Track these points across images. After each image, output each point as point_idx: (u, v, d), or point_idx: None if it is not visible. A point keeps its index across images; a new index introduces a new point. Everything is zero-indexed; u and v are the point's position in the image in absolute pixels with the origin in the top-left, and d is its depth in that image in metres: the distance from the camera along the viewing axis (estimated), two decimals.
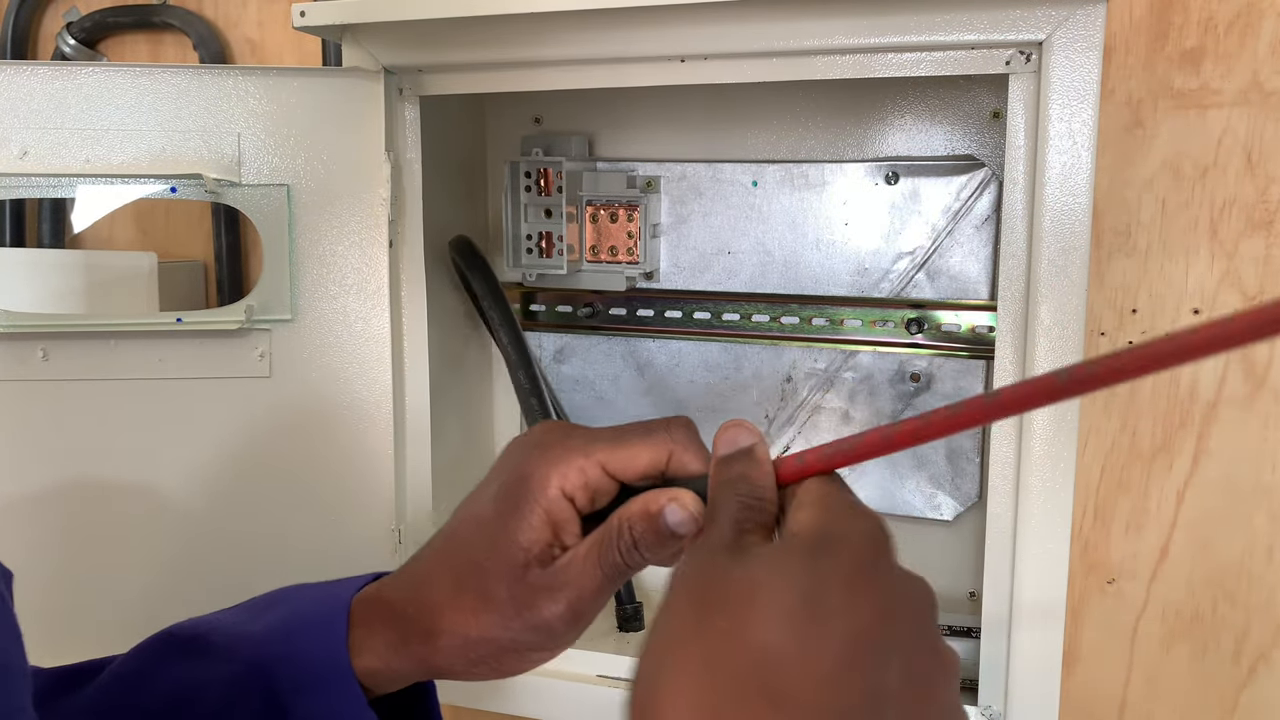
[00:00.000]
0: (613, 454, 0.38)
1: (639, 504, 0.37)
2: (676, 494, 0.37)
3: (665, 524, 0.36)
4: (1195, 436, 0.68)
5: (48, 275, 0.78)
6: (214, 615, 0.46)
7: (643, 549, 0.37)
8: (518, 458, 0.40)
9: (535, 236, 0.74)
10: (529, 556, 0.38)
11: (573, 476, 0.38)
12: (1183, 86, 0.65)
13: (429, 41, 0.62)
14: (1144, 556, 0.70)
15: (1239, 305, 0.66)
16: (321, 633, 0.41)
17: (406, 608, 0.41)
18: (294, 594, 0.45)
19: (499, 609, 0.38)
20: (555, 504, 0.38)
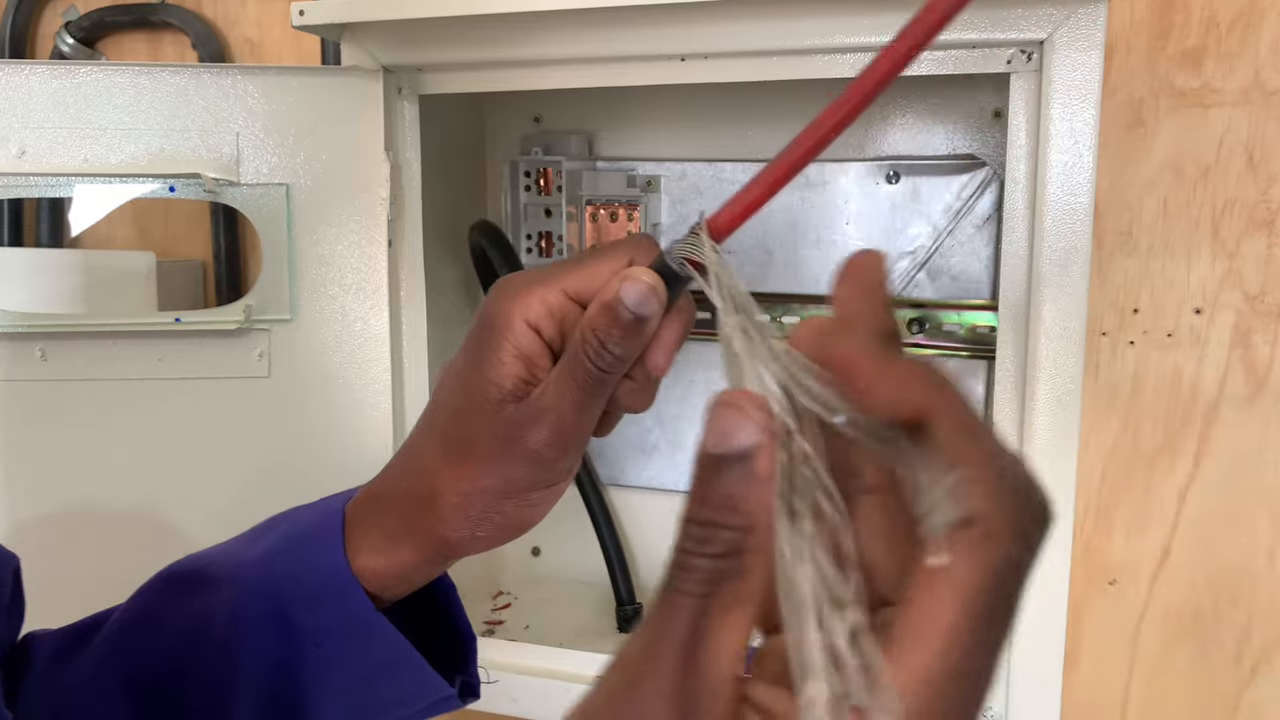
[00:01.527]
0: (573, 277, 0.37)
1: (594, 303, 0.35)
2: (627, 272, 0.35)
3: (625, 308, 0.34)
4: (1197, 437, 0.67)
5: (46, 275, 0.78)
6: (210, 549, 0.45)
7: (612, 346, 0.35)
8: (484, 305, 0.39)
9: (535, 236, 0.74)
10: (503, 393, 0.36)
11: (535, 306, 0.36)
12: (1184, 86, 0.65)
13: (428, 40, 0.62)
14: (1145, 557, 0.70)
15: (1241, 305, 0.66)
16: (317, 543, 0.41)
17: (400, 483, 0.40)
18: (289, 515, 0.44)
19: (484, 452, 0.37)
20: (522, 337, 0.37)
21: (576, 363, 0.35)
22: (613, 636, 0.75)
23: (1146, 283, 0.67)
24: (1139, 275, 0.67)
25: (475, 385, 0.37)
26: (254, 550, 0.43)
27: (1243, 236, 0.65)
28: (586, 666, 0.65)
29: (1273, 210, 0.64)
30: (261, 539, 0.43)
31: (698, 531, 0.23)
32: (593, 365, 0.35)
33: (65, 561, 0.64)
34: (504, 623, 0.77)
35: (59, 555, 0.64)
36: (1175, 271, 0.67)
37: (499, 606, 0.80)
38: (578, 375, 0.35)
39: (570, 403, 0.36)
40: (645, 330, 0.35)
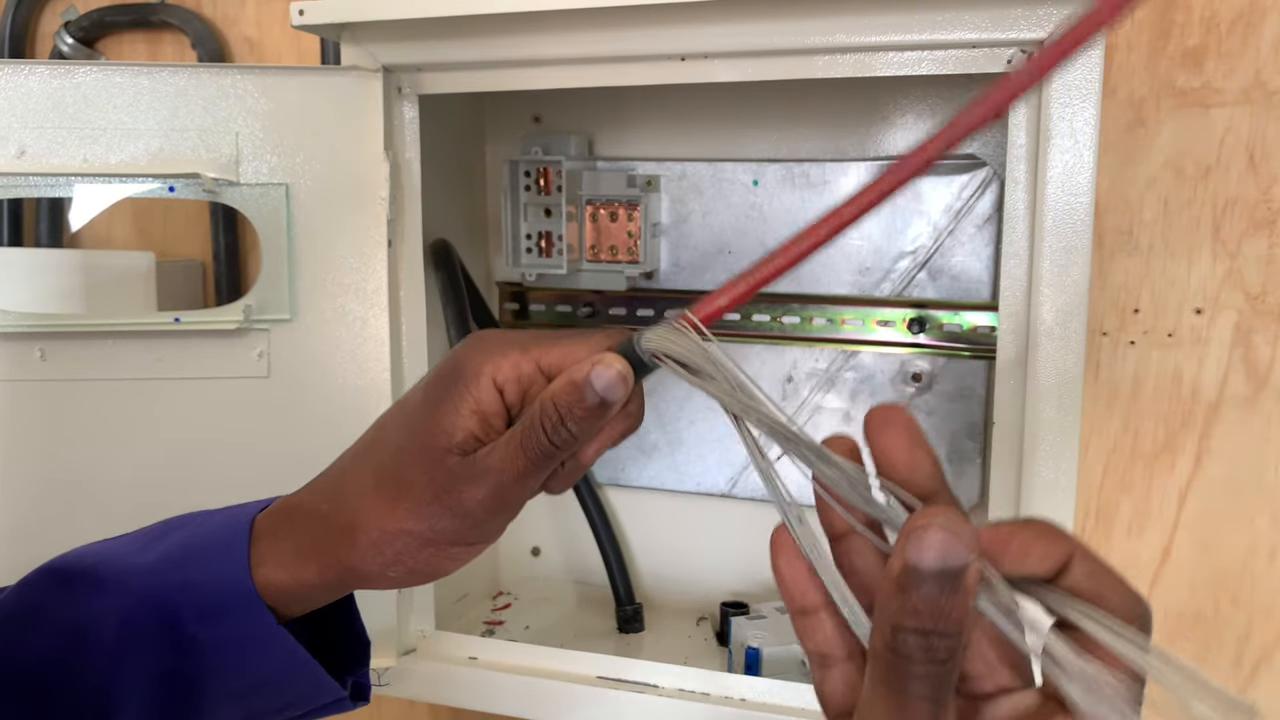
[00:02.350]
0: (549, 352, 0.37)
1: (562, 376, 0.36)
2: (600, 356, 0.35)
3: (592, 390, 0.35)
4: (1197, 437, 0.67)
5: (45, 275, 0.78)
6: (100, 545, 0.44)
7: (570, 423, 0.35)
8: (460, 347, 0.39)
9: (535, 236, 0.74)
10: (450, 442, 0.36)
11: (506, 368, 0.37)
12: (1185, 85, 0.65)
13: (428, 40, 0.62)
14: (1146, 557, 0.70)
15: (1242, 305, 0.66)
16: (220, 553, 0.40)
17: (321, 506, 0.40)
18: (191, 519, 0.43)
19: (417, 497, 0.37)
20: (485, 394, 0.37)
21: (531, 433, 0.36)
22: (613, 636, 0.75)
23: (1147, 283, 0.67)
24: (1140, 275, 0.67)
25: (425, 429, 0.37)
26: (148, 555, 0.41)
27: (1244, 236, 0.65)
28: (586, 666, 0.65)
29: (1274, 210, 0.64)
30: (157, 543, 0.42)
31: (920, 641, 0.25)
32: (546, 438, 0.36)
33: None
34: (504, 623, 0.77)
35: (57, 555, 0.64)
36: (1176, 271, 0.67)
37: (499, 607, 0.80)
38: (529, 445, 0.36)
39: (514, 470, 0.36)
40: (605, 416, 0.35)
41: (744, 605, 0.73)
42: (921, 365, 0.71)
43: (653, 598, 0.80)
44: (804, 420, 0.75)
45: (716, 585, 0.79)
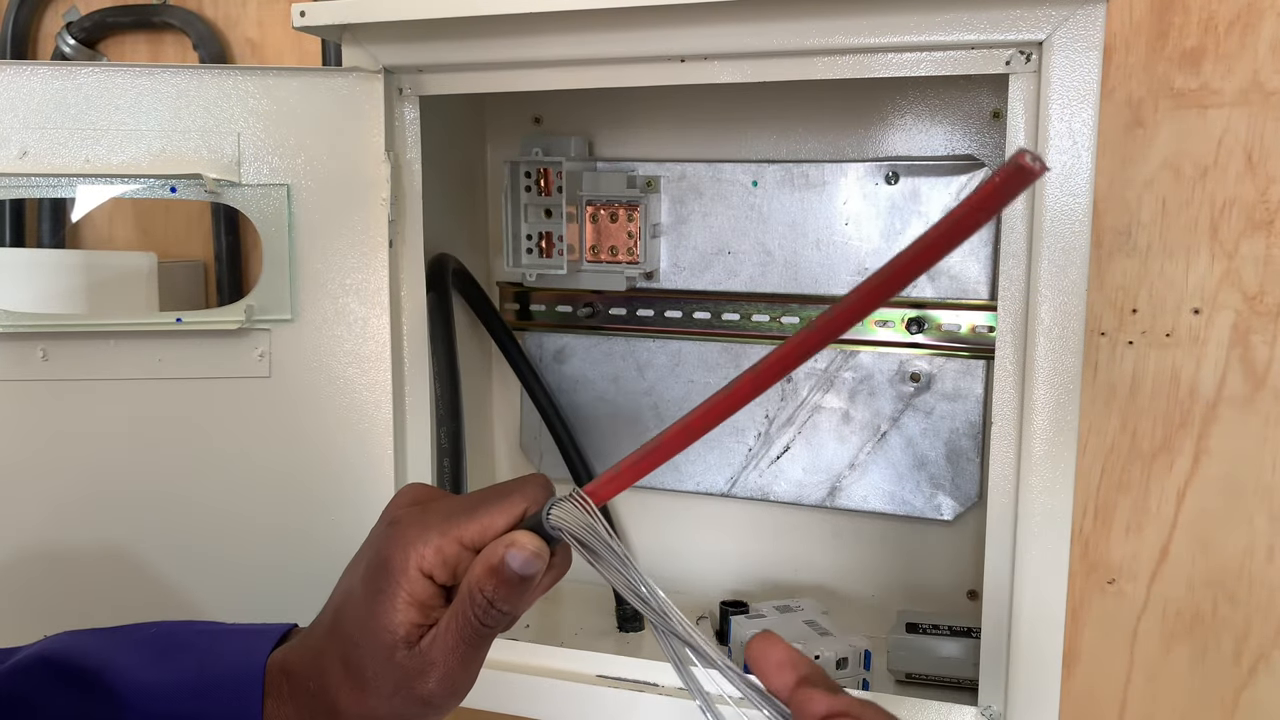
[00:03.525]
0: (467, 527, 0.38)
1: (480, 564, 0.37)
2: (512, 538, 0.37)
3: (511, 571, 0.36)
4: (1196, 436, 0.68)
5: (47, 275, 0.78)
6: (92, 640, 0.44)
7: (500, 605, 0.37)
8: (380, 536, 0.40)
9: (535, 236, 0.74)
10: (395, 639, 0.38)
11: (429, 556, 0.38)
12: (1183, 86, 0.65)
13: (429, 41, 0.62)
14: (1144, 556, 0.70)
15: (1240, 305, 0.66)
16: (236, 695, 0.41)
17: (309, 683, 0.41)
18: (198, 642, 0.44)
19: (378, 689, 0.39)
20: (416, 584, 0.38)
21: (464, 620, 0.37)
22: (613, 636, 0.76)
23: (1145, 283, 0.67)
24: (1138, 275, 0.67)
25: (371, 626, 0.38)
26: (156, 675, 0.42)
27: (1241, 237, 0.65)
28: (586, 666, 0.65)
29: (1271, 210, 0.64)
30: (164, 662, 0.42)
31: None
32: (479, 622, 0.37)
33: (66, 561, 0.65)
34: None
35: (60, 555, 0.65)
36: (1174, 271, 0.67)
37: None
38: (465, 632, 0.37)
39: (458, 657, 0.38)
40: (531, 587, 0.37)
41: (743, 604, 0.73)
42: (920, 365, 0.71)
43: None
44: (803, 419, 0.75)
45: (716, 584, 0.80)
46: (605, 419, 0.80)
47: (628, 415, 0.80)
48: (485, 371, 0.84)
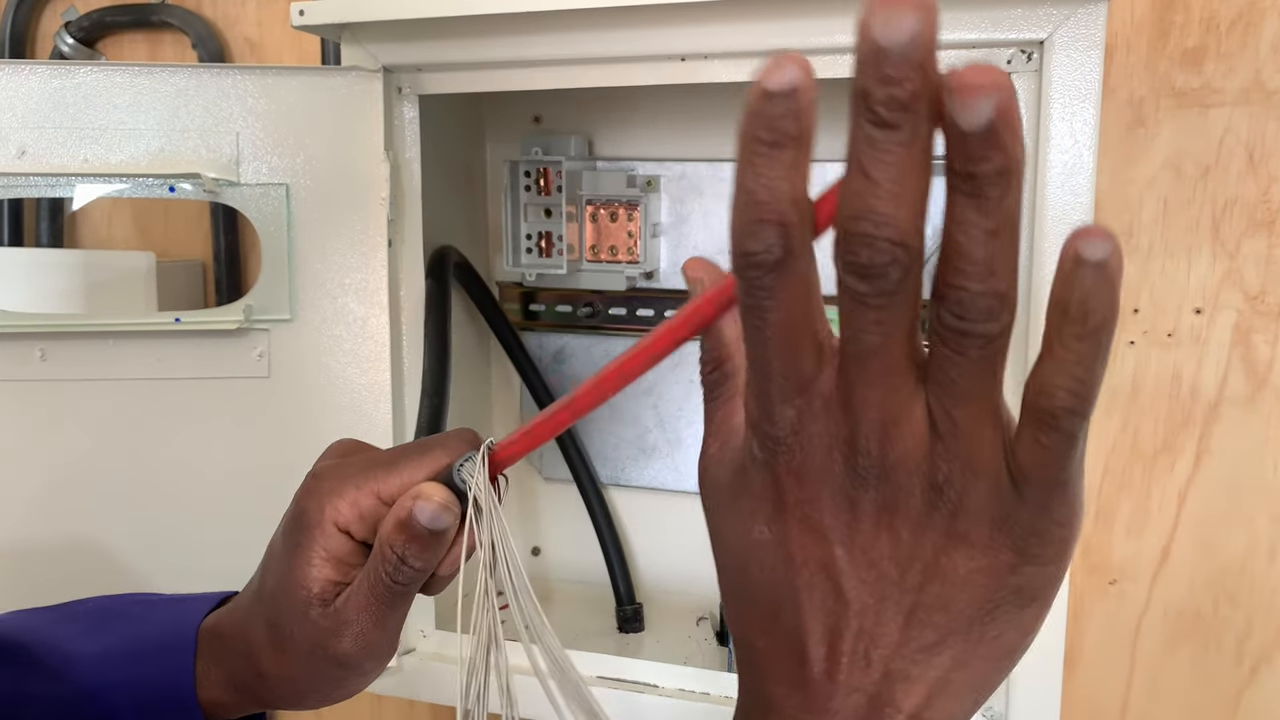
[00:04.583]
0: (386, 480, 0.37)
1: (390, 518, 0.36)
2: (419, 490, 0.35)
3: (419, 525, 0.35)
4: (1197, 436, 0.67)
5: (46, 275, 0.78)
6: (29, 618, 0.44)
7: (411, 560, 0.35)
8: (301, 488, 0.39)
9: (535, 236, 0.74)
10: (310, 595, 0.37)
11: (345, 510, 0.37)
12: (1184, 85, 0.65)
13: (428, 40, 0.62)
14: (1146, 557, 0.70)
15: (1241, 305, 0.66)
16: (168, 659, 0.41)
17: (237, 644, 0.41)
18: (132, 610, 0.44)
19: (296, 646, 0.38)
20: (332, 540, 0.37)
21: (376, 577, 0.36)
22: (613, 636, 0.75)
23: (1147, 283, 0.67)
24: (1139, 275, 0.67)
25: (288, 583, 0.38)
26: (89, 645, 0.42)
27: (1243, 236, 0.65)
28: (586, 666, 0.65)
29: (1273, 210, 0.64)
30: (97, 632, 0.42)
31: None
32: (391, 580, 0.36)
33: (66, 561, 0.64)
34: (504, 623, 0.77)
35: (60, 554, 0.64)
36: (1175, 271, 0.67)
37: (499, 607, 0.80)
38: (378, 590, 0.36)
39: (371, 615, 0.37)
40: (443, 542, 0.36)
41: None
42: None
43: (653, 597, 0.80)
44: None
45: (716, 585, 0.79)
46: (605, 419, 0.80)
47: (628, 415, 0.80)
48: (484, 370, 0.84)
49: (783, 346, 0.24)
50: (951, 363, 0.23)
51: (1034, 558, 0.24)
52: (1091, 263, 0.21)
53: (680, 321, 0.27)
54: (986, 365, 0.23)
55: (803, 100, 0.22)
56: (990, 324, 0.23)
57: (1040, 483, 0.23)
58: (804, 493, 0.25)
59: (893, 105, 0.21)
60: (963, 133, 0.21)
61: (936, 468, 0.24)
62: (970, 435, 0.23)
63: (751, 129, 0.22)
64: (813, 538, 0.25)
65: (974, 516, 0.24)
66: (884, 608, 0.25)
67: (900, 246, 0.22)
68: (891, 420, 0.24)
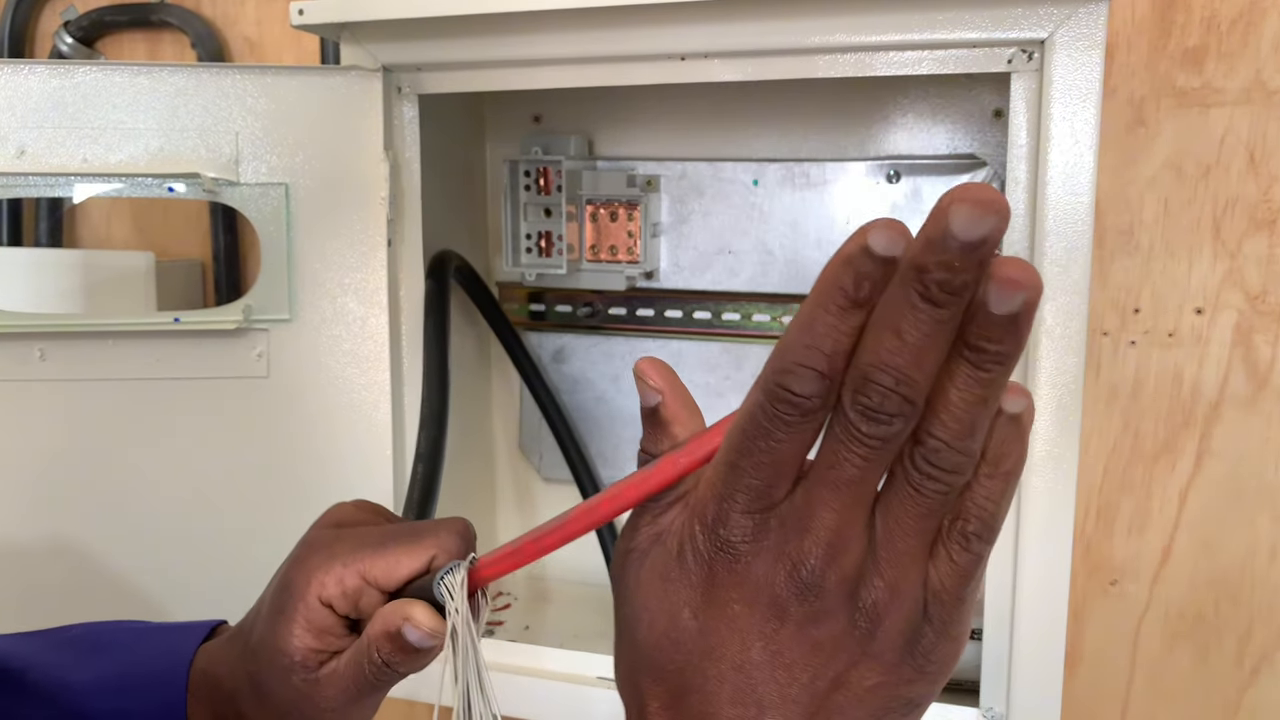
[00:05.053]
0: (373, 563, 0.38)
1: (379, 623, 0.37)
2: (409, 613, 0.36)
3: (408, 642, 0.36)
4: (1198, 436, 0.67)
5: (45, 275, 0.78)
6: (19, 643, 0.44)
7: (395, 667, 0.37)
8: (291, 556, 0.40)
9: (535, 236, 0.74)
10: (291, 662, 0.38)
11: (330, 585, 0.38)
12: (1185, 85, 0.65)
13: (427, 39, 0.62)
14: (1146, 557, 0.70)
15: (1242, 305, 0.65)
16: (161, 694, 0.41)
17: (224, 685, 0.41)
18: (124, 639, 0.44)
19: (276, 707, 0.39)
20: (314, 612, 0.38)
21: (358, 668, 0.37)
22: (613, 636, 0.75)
23: (1148, 282, 0.67)
24: (1140, 275, 0.67)
25: (269, 645, 0.38)
26: (80, 674, 0.42)
27: (1244, 236, 0.65)
28: (586, 666, 0.65)
29: (1274, 210, 0.64)
30: (88, 661, 0.43)
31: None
32: (373, 676, 0.37)
33: (66, 561, 0.64)
34: (504, 623, 0.77)
35: (59, 555, 0.64)
36: (1176, 271, 0.66)
37: (499, 607, 0.80)
38: (359, 678, 0.37)
39: (349, 695, 0.38)
40: (429, 655, 0.37)
41: None
42: None
43: None
44: None
45: None
46: (605, 419, 0.80)
47: (628, 415, 0.80)
48: (485, 370, 0.84)
49: (771, 473, 0.25)
50: (911, 500, 0.25)
51: (927, 674, 0.27)
52: (1009, 414, 0.25)
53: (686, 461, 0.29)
54: (938, 508, 0.25)
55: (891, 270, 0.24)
56: (954, 478, 0.25)
57: (947, 600, 0.26)
58: (738, 594, 0.26)
59: (947, 288, 0.23)
60: (990, 315, 0.23)
61: (865, 590, 0.26)
62: (904, 564, 0.26)
63: (838, 279, 0.24)
64: (736, 636, 0.26)
65: (887, 639, 0.26)
66: (789, 710, 0.26)
67: (910, 404, 0.24)
68: (839, 543, 0.25)
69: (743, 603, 0.26)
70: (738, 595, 0.26)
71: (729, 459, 0.26)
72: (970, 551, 0.26)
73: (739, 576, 0.26)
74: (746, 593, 0.26)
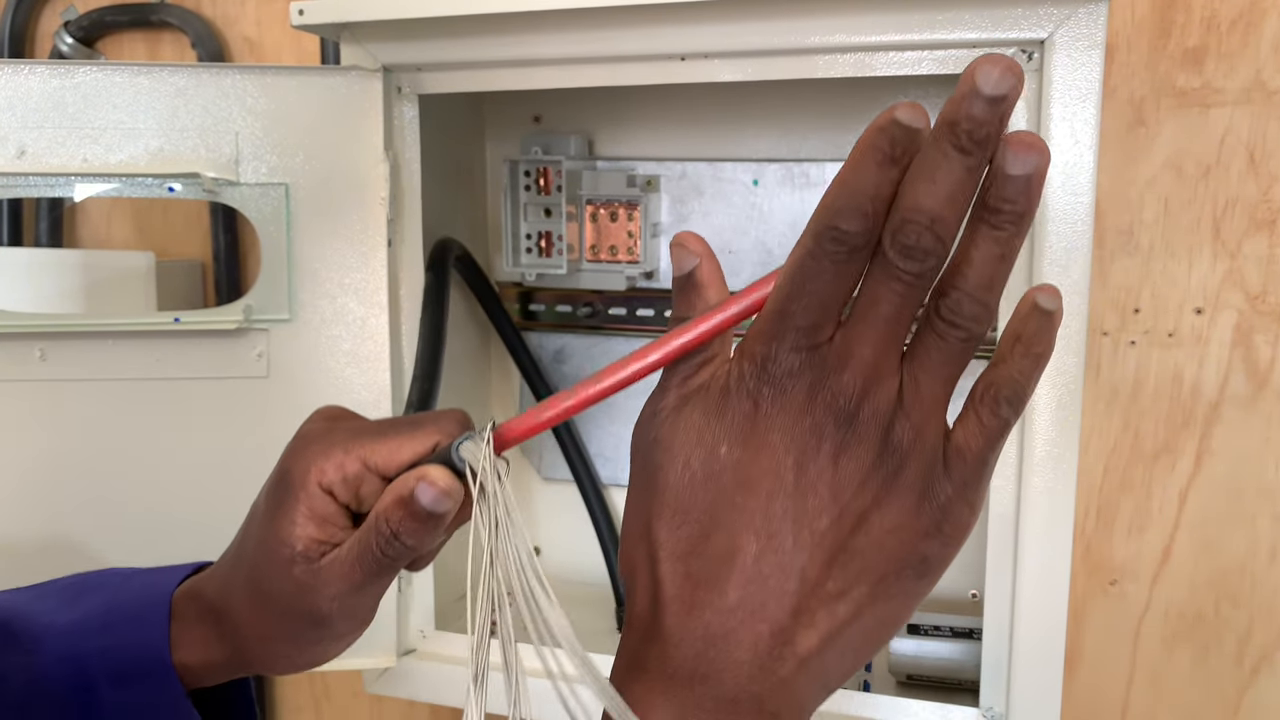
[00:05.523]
0: (373, 449, 0.37)
1: (390, 493, 0.35)
2: (424, 471, 0.35)
3: (419, 506, 0.35)
4: (1198, 436, 0.67)
5: (45, 275, 0.78)
6: (6, 597, 0.44)
7: (405, 539, 0.35)
8: (287, 449, 0.39)
9: (535, 236, 0.74)
10: (294, 553, 0.37)
11: (330, 471, 0.37)
12: (1185, 85, 0.65)
13: (427, 39, 0.62)
14: (1146, 557, 0.70)
15: (1242, 305, 0.65)
16: (142, 624, 0.41)
17: (216, 602, 0.41)
18: (109, 580, 0.44)
19: (274, 605, 0.38)
20: (315, 499, 0.37)
21: (366, 546, 0.36)
22: (613, 636, 0.75)
23: (1147, 283, 0.67)
24: (1140, 275, 0.67)
25: (271, 540, 0.38)
26: (66, 615, 0.42)
27: (1244, 236, 0.65)
28: None
29: (1274, 210, 0.64)
30: (75, 604, 0.43)
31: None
32: (380, 553, 0.36)
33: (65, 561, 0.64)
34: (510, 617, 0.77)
35: (59, 555, 0.64)
36: (1176, 271, 0.66)
37: None
38: (365, 559, 0.36)
39: (353, 581, 0.37)
40: (440, 525, 0.35)
41: None
42: None
43: None
44: None
45: None
46: (605, 419, 0.80)
47: (628, 415, 0.79)
48: (484, 367, 0.84)
49: (819, 313, 0.28)
50: (934, 344, 0.28)
51: (943, 533, 0.29)
52: (1043, 309, 0.28)
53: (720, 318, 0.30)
54: (958, 354, 0.28)
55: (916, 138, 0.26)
56: (974, 325, 0.28)
57: (970, 459, 0.29)
58: (779, 421, 0.28)
59: (974, 137, 0.26)
60: (1006, 176, 0.26)
61: (894, 429, 0.28)
62: (928, 405, 0.28)
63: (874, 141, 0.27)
64: (773, 464, 0.29)
65: (910, 481, 0.28)
66: (814, 544, 0.28)
67: (941, 242, 0.27)
68: (875, 377, 0.28)
69: (782, 430, 0.28)
70: (779, 423, 0.28)
71: (779, 304, 0.28)
72: (999, 416, 0.28)
73: (781, 406, 0.28)
74: (787, 420, 0.28)
